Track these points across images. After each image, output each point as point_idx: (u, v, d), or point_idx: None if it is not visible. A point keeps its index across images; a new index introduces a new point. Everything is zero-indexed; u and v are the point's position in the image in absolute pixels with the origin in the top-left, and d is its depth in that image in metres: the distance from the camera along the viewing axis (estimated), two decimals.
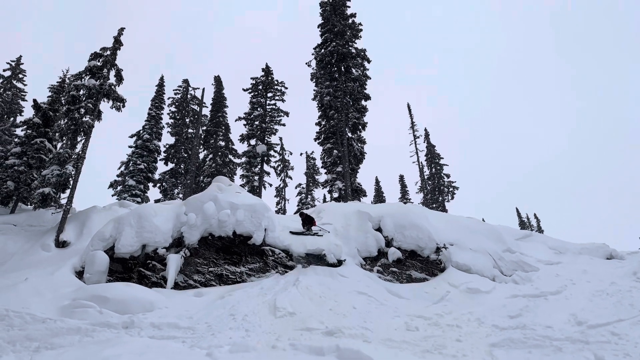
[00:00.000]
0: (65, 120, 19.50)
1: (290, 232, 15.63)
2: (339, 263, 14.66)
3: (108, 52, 20.83)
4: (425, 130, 44.22)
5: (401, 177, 47.67)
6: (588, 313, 10.22)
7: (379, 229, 16.29)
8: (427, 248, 15.84)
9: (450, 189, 40.99)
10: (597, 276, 13.94)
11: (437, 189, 41.28)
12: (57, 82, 26.62)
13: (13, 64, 37.58)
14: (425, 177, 41.60)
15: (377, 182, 48.68)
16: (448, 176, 41.44)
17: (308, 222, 15.92)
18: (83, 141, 19.13)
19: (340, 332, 8.19)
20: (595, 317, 9.81)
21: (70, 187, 18.21)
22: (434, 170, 42.18)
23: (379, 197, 46.88)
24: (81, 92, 19.87)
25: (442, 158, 42.53)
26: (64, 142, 20.67)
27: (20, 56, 38.09)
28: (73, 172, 18.25)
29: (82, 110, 19.19)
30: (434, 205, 39.42)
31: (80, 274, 12.91)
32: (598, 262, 16.28)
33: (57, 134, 22.18)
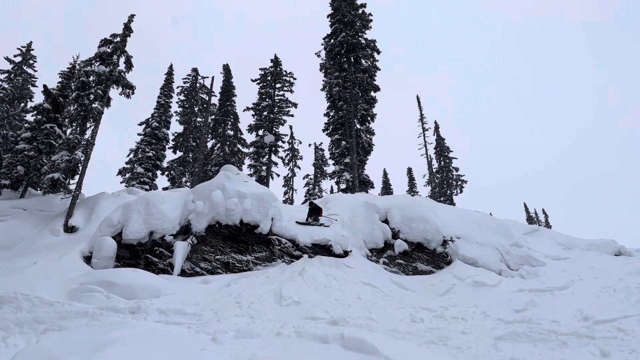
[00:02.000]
0: (75, 106, 19.60)
1: (297, 222, 15.63)
2: (345, 254, 14.67)
3: (118, 39, 20.85)
4: (435, 122, 43.98)
5: (409, 170, 47.53)
6: (595, 309, 10.15)
7: (385, 221, 16.27)
8: (433, 241, 15.81)
9: (459, 183, 40.79)
10: (605, 272, 13.84)
11: (445, 182, 41.10)
12: (68, 68, 26.73)
13: (24, 49, 37.74)
14: (434, 170, 41.43)
15: (385, 174, 48.56)
16: (457, 170, 41.23)
17: (316, 212, 15.93)
18: (92, 127, 19.22)
19: (345, 322, 8.21)
20: (601, 312, 9.74)
21: (80, 172, 18.32)
22: (442, 163, 41.98)
23: (387, 189, 46.77)
24: (91, 78, 19.93)
25: (452, 151, 42.31)
26: (74, 127, 20.81)
27: (31, 42, 38.26)
28: (82, 158, 18.34)
29: (92, 97, 19.26)
30: (442, 199, 39.27)
31: (88, 259, 13.02)
32: (606, 259, 16.16)
33: (66, 120, 22.34)
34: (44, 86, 23.40)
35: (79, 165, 18.43)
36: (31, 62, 37.76)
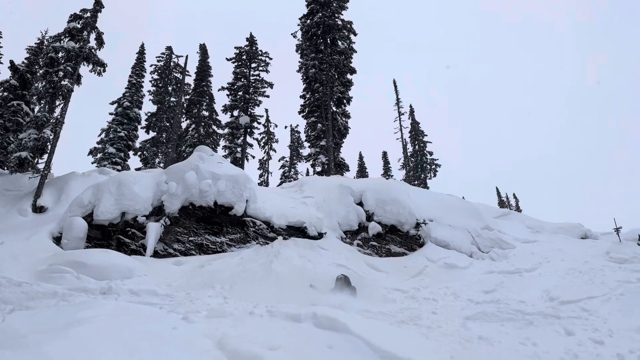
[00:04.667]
0: (43, 83, 18.98)
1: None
2: (320, 236, 14.75)
3: (88, 14, 20.18)
4: (410, 106, 44.12)
5: (384, 153, 47.75)
6: (561, 290, 10.48)
7: (360, 203, 16.38)
8: (407, 223, 16.01)
9: (433, 167, 41.22)
10: (571, 255, 14.26)
11: (419, 166, 41.48)
12: (35, 43, 25.84)
13: None
14: (409, 153, 41.72)
15: (361, 157, 48.73)
16: (431, 153, 41.60)
17: None
18: (62, 105, 18.67)
19: (318, 302, 8.29)
20: (567, 293, 10.06)
21: (48, 152, 17.83)
22: (417, 147, 42.28)
23: (362, 172, 46.98)
24: (60, 54, 19.28)
25: (426, 135, 42.62)
26: (42, 105, 20.19)
27: None
28: (51, 137, 17.86)
29: (61, 74, 18.68)
30: (416, 182, 39.65)
31: (57, 240, 12.78)
32: (573, 242, 16.64)
33: (34, 97, 21.64)
34: (11, 62, 22.59)
35: (48, 144, 17.92)
36: None
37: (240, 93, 33.42)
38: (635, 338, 6.73)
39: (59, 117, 18.43)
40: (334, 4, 31.04)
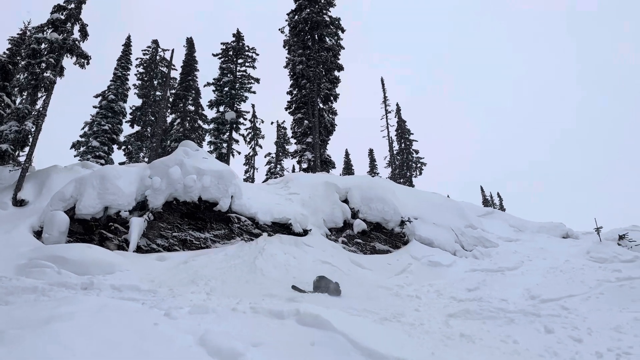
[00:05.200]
0: (25, 75, 18.65)
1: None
2: (305, 233, 14.76)
3: (72, 5, 19.82)
4: (397, 105, 44.31)
5: (370, 151, 47.91)
6: (542, 288, 10.64)
7: (345, 201, 16.43)
8: (392, 221, 16.09)
9: (418, 165, 41.46)
10: (553, 254, 14.48)
11: (405, 164, 41.67)
12: (18, 34, 25.32)
13: None
14: (395, 152, 41.86)
15: (347, 154, 48.81)
16: (417, 152, 41.84)
17: None
18: (44, 97, 18.34)
19: (301, 299, 8.30)
20: (548, 292, 10.23)
21: (30, 144, 17.49)
22: (403, 145, 42.47)
23: (348, 170, 47.05)
24: (43, 45, 18.93)
25: (412, 134, 42.84)
26: (24, 97, 19.82)
27: None
28: (33, 129, 17.53)
29: (44, 65, 18.34)
30: (402, 180, 39.84)
31: (38, 234, 12.58)
32: (554, 241, 16.89)
33: (16, 89, 21.22)
34: None
35: (29, 136, 17.59)
36: None
37: (227, 89, 33.16)
38: (614, 336, 6.85)
39: (41, 109, 18.10)
40: (322, 0, 30.96)
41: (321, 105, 30.51)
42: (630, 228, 16.71)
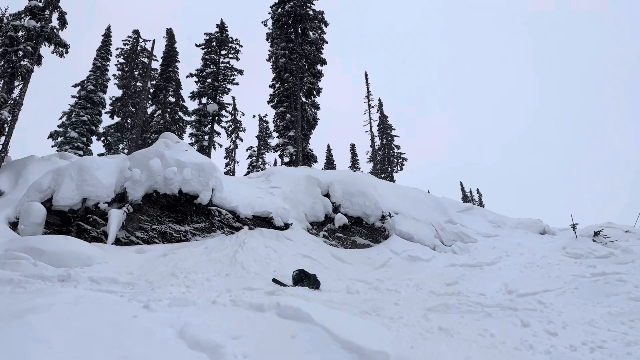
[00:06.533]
0: (2, 63, 18.21)
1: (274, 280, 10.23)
2: (286, 226, 14.74)
3: None
4: (379, 100, 44.40)
5: (352, 146, 48.07)
6: (519, 283, 10.84)
7: (327, 195, 16.45)
8: (372, 215, 16.19)
9: (400, 160, 41.67)
10: (530, 249, 14.75)
11: (386, 159, 41.87)
12: None
13: None
14: (376, 147, 42.03)
15: (329, 149, 48.91)
16: (398, 147, 42.05)
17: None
18: (21, 86, 17.96)
19: (282, 292, 8.30)
20: (524, 286, 10.41)
21: (6, 134, 17.13)
22: (385, 140, 42.65)
23: (330, 164, 47.16)
24: (20, 33, 18.54)
25: (394, 129, 43.03)
26: (0, 85, 19.37)
27: None
28: (9, 119, 17.17)
29: (21, 53, 17.97)
30: (383, 175, 40.04)
31: (14, 225, 12.35)
32: (532, 237, 17.21)
33: None
34: None
35: (5, 125, 17.22)
36: None
37: (209, 80, 32.84)
38: (588, 330, 7.00)
39: (17, 98, 17.72)
40: None
41: (304, 99, 30.44)
42: (605, 225, 17.12)
